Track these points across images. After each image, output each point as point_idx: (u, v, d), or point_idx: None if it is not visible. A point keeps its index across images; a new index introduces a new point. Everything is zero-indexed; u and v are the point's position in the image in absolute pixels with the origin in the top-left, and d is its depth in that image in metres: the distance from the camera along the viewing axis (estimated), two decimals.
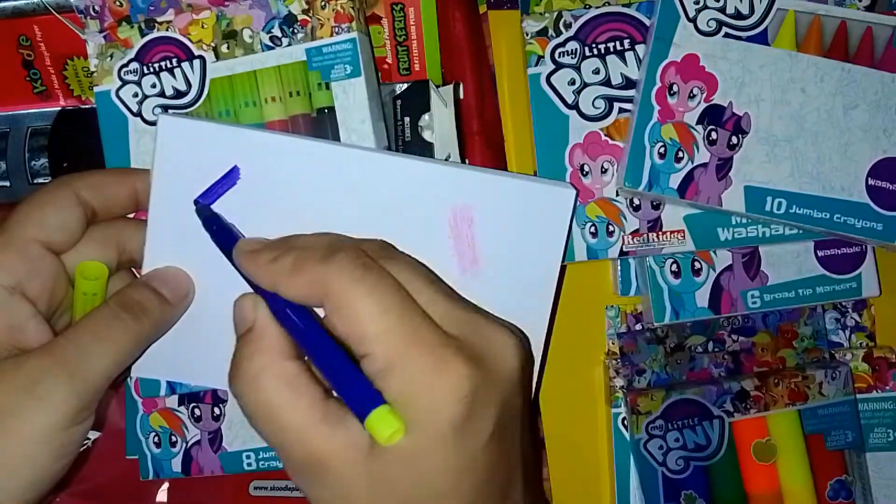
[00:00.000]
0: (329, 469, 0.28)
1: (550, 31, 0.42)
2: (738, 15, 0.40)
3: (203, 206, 0.35)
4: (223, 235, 0.35)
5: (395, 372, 0.28)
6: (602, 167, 0.43)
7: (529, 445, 0.33)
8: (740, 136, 0.40)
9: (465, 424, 0.28)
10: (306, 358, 0.31)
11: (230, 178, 0.35)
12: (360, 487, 0.28)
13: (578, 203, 0.43)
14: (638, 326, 0.47)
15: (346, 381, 0.29)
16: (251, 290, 0.32)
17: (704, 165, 0.41)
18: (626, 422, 0.45)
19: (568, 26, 0.42)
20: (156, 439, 0.44)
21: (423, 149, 0.43)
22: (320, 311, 0.31)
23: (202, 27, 0.41)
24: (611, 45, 0.42)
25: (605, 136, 0.43)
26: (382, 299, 0.28)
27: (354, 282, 0.29)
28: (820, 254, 0.44)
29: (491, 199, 0.37)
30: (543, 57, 0.42)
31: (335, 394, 0.30)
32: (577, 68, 0.42)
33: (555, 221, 0.37)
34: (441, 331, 0.29)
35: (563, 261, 0.38)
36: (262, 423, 0.29)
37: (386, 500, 0.28)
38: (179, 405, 0.44)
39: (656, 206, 0.43)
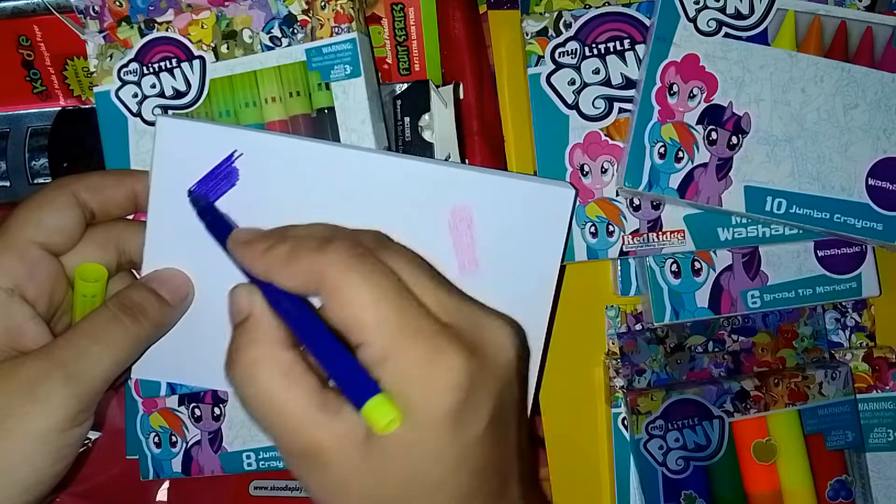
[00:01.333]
0: (326, 458, 0.28)
1: (550, 31, 0.42)
2: (738, 15, 0.40)
3: (198, 197, 0.35)
4: (218, 225, 0.34)
5: (391, 361, 0.28)
6: (602, 167, 0.43)
7: (525, 437, 0.33)
8: (740, 136, 0.40)
9: (461, 413, 0.28)
10: (302, 348, 0.31)
11: (227, 169, 0.35)
12: (357, 476, 0.28)
13: (578, 203, 0.43)
14: (638, 326, 0.47)
15: (343, 369, 0.29)
16: (246, 281, 0.32)
17: (704, 165, 0.41)
18: (626, 422, 0.45)
19: (568, 26, 0.42)
20: (156, 439, 0.44)
21: (423, 149, 0.43)
22: (315, 303, 0.31)
23: (202, 27, 0.41)
24: (611, 45, 0.42)
25: (605, 136, 0.43)
26: (378, 288, 0.28)
27: (349, 270, 0.28)
28: (820, 254, 0.44)
29: (490, 200, 0.37)
30: (543, 57, 0.42)
31: (331, 384, 0.30)
32: (577, 68, 0.42)
33: (554, 221, 0.37)
34: (437, 320, 0.29)
35: (562, 261, 0.38)
36: (258, 412, 0.29)
37: (383, 489, 0.28)
38: (179, 405, 0.44)
39: (656, 206, 0.43)
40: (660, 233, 0.43)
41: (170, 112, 0.41)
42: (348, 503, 0.29)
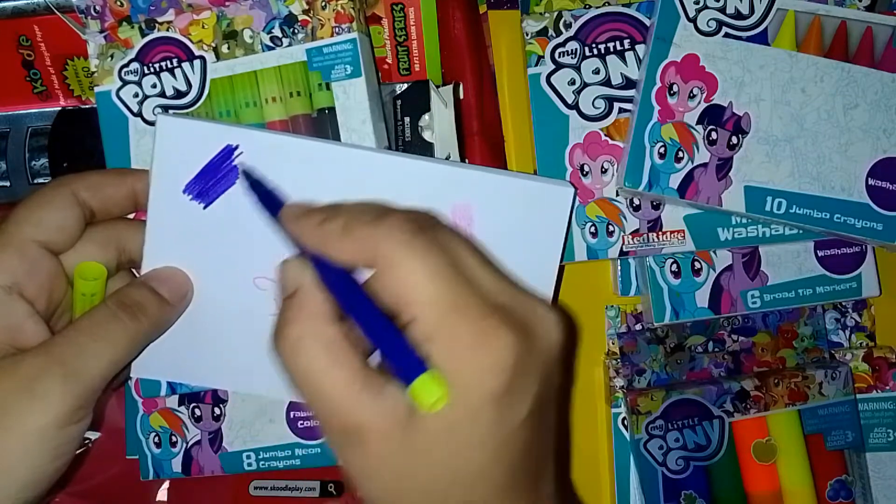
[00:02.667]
0: (367, 437, 0.28)
1: (550, 31, 0.42)
2: (738, 15, 0.40)
3: (247, 169, 0.35)
4: (269, 199, 0.34)
5: (440, 339, 0.28)
6: (602, 167, 0.43)
7: (558, 426, 0.33)
8: (740, 136, 0.40)
9: (507, 395, 0.28)
10: (347, 323, 0.30)
11: (227, 167, 0.35)
12: (398, 457, 0.28)
13: (578, 203, 0.43)
14: (638, 326, 0.47)
15: (393, 345, 0.28)
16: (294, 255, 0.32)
17: (704, 165, 0.41)
18: (626, 422, 0.45)
19: (568, 26, 0.42)
20: (156, 439, 0.44)
21: (423, 149, 0.43)
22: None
23: (203, 27, 0.41)
24: (611, 45, 0.42)
25: (605, 136, 0.43)
26: (431, 265, 0.28)
27: (404, 245, 0.28)
28: (820, 254, 0.44)
29: (490, 198, 0.37)
30: (543, 57, 0.42)
31: (373, 361, 0.30)
32: (577, 68, 0.42)
33: (554, 220, 0.37)
34: (487, 300, 0.29)
35: (562, 259, 0.38)
36: (302, 388, 0.29)
37: (423, 471, 0.28)
38: (180, 405, 0.44)
39: (656, 206, 0.43)
40: (660, 233, 0.43)
41: (170, 111, 0.41)
42: (387, 484, 0.29)
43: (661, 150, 0.41)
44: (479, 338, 0.28)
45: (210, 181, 0.36)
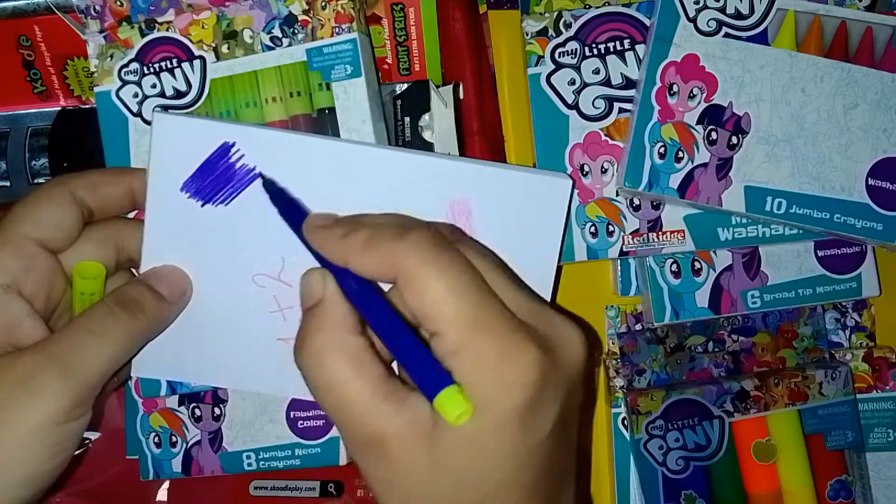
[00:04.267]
0: (390, 448, 0.28)
1: (550, 31, 0.42)
2: (738, 15, 0.40)
3: (270, 181, 0.35)
4: (291, 210, 0.34)
5: (465, 353, 0.28)
6: (602, 167, 0.43)
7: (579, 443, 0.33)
8: (740, 136, 0.40)
9: (531, 411, 0.28)
10: (368, 335, 0.30)
11: (224, 164, 0.35)
12: (421, 468, 0.28)
13: (578, 203, 0.43)
14: (638, 326, 0.47)
15: (416, 359, 0.28)
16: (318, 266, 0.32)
17: (704, 165, 0.41)
18: (626, 422, 0.45)
19: (568, 26, 0.42)
20: (156, 439, 0.44)
21: (423, 149, 0.43)
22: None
23: (203, 27, 0.41)
24: (611, 45, 0.42)
25: (605, 136, 0.43)
26: (456, 280, 0.28)
27: (428, 260, 0.28)
28: (820, 254, 0.44)
29: (489, 192, 0.37)
30: (543, 57, 0.42)
31: (397, 373, 0.30)
32: (577, 68, 0.42)
33: (552, 212, 0.37)
34: (512, 316, 0.29)
35: (561, 250, 0.38)
36: (324, 398, 0.29)
37: (446, 482, 0.28)
38: (180, 405, 0.44)
39: (656, 206, 0.43)
40: (660, 233, 0.43)
41: (170, 111, 0.41)
42: (408, 494, 0.29)
43: (661, 150, 0.41)
44: (504, 353, 0.28)
45: (207, 179, 0.36)
